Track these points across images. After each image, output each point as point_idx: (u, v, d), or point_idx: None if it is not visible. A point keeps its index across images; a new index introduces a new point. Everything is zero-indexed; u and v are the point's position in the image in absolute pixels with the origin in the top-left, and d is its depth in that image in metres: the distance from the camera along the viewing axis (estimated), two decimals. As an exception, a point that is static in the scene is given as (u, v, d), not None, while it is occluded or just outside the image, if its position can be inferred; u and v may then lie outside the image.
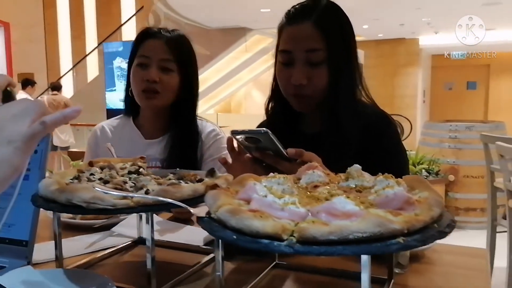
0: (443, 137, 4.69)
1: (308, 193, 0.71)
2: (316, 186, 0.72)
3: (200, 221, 0.63)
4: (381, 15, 8.98)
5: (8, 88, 0.62)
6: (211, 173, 0.87)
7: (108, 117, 3.05)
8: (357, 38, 1.26)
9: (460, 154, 4.56)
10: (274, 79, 1.27)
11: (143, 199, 0.70)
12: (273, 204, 0.60)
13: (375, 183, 0.68)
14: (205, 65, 9.23)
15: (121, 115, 1.62)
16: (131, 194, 0.71)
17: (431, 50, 11.62)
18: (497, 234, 3.35)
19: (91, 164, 0.98)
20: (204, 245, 0.98)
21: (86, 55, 10.35)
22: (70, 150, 6.86)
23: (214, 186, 0.77)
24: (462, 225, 4.46)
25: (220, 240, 0.67)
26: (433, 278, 0.84)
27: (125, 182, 0.81)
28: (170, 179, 0.86)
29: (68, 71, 10.46)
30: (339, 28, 1.18)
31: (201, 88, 1.56)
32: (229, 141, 1.08)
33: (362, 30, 9.89)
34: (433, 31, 9.85)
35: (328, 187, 0.72)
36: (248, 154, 1.01)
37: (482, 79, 11.34)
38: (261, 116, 1.36)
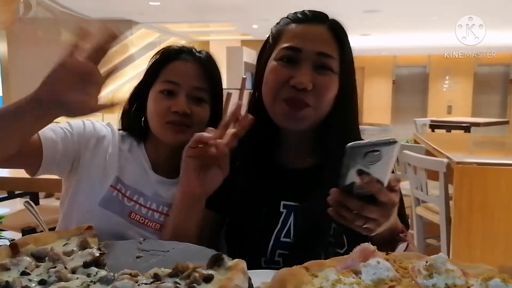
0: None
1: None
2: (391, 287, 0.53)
3: None
4: (270, 16, 9.13)
5: None
6: (217, 261, 0.61)
7: None
8: (246, 38, 1.14)
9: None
10: (255, 90, 1.08)
11: None
12: None
13: (484, 286, 0.50)
14: (85, 59, 8.35)
15: (124, 131, 1.23)
16: None
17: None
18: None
19: (15, 248, 0.65)
20: None
21: None
22: None
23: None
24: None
25: None
26: None
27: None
28: (159, 279, 0.58)
29: None
30: (348, 43, 1.04)
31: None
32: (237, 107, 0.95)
33: (251, 30, 9.96)
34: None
35: (407, 288, 0.53)
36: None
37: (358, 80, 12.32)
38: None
